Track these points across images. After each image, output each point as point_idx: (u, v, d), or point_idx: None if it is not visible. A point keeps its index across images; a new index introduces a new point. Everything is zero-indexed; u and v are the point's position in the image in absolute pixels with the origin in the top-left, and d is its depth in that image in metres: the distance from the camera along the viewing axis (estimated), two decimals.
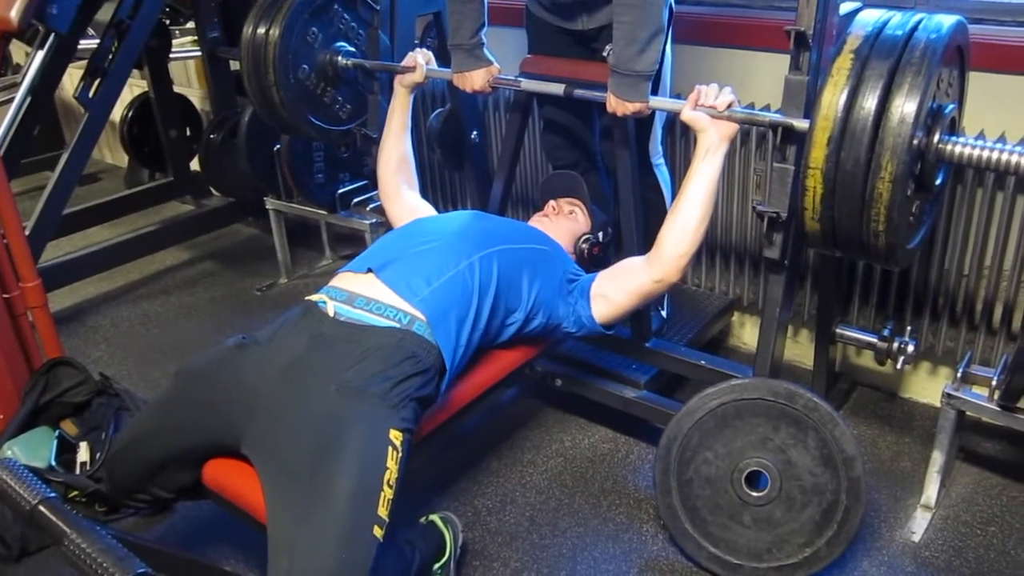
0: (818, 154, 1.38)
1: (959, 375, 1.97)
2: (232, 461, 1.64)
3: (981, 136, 1.65)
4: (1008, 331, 2.18)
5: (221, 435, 1.60)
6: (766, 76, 2.37)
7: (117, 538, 1.13)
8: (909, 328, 2.22)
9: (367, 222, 3.02)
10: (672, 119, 2.44)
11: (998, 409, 1.90)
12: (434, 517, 1.90)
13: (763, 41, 2.38)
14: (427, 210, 2.20)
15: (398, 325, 1.66)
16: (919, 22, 1.39)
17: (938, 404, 1.99)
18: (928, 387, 2.44)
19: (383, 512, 1.44)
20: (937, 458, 2.02)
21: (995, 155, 1.41)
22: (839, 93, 1.35)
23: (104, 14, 2.74)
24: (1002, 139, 1.80)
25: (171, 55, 3.66)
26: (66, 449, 2.12)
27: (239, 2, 3.17)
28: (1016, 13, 2.15)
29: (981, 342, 2.22)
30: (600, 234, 2.22)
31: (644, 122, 2.17)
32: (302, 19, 2.36)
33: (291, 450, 1.49)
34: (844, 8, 1.82)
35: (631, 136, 2.06)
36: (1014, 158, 1.39)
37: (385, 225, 2.53)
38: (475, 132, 2.61)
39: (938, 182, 1.50)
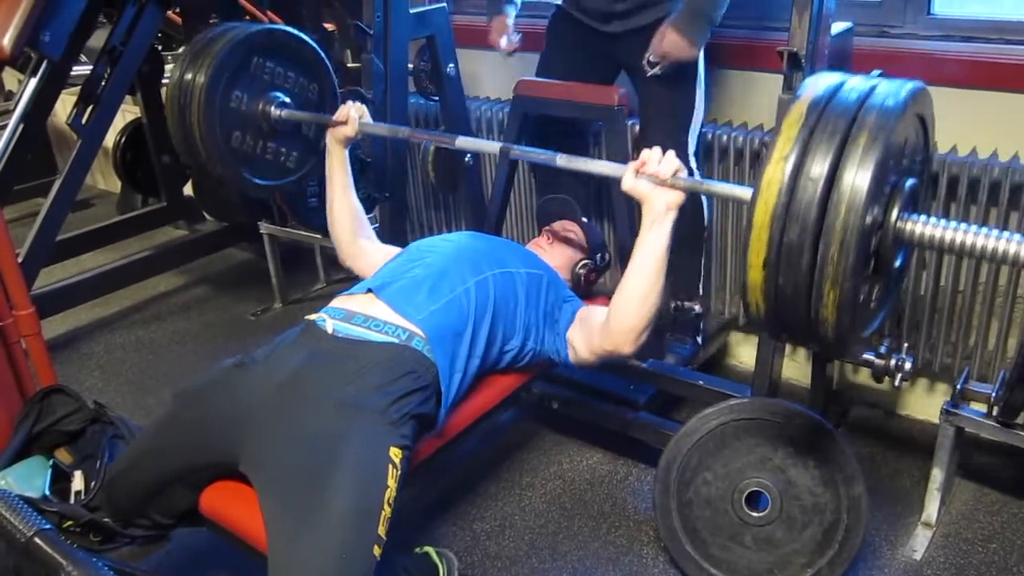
0: (760, 232, 1.18)
1: (957, 392, 1.97)
2: (229, 488, 1.62)
3: (943, 217, 1.36)
4: (1005, 347, 2.19)
5: (219, 453, 1.59)
6: (760, 96, 2.39)
7: (113, 568, 1.12)
8: (906, 345, 2.22)
9: None
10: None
11: (997, 425, 1.89)
12: (429, 549, 1.87)
13: (757, 61, 2.39)
14: (394, 252, 2.10)
15: (396, 340, 1.65)
16: (874, 87, 1.22)
17: (937, 421, 1.99)
18: (926, 404, 2.44)
19: (382, 531, 1.43)
20: (937, 475, 2.01)
21: (959, 236, 1.21)
22: (784, 163, 1.15)
23: (97, 40, 2.75)
24: (966, 220, 1.52)
25: (164, 80, 3.66)
26: (60, 478, 2.09)
27: None
28: (1005, 31, 2.17)
29: (979, 358, 2.22)
30: (598, 257, 2.22)
31: (677, 118, 2.21)
32: (220, 88, 2.13)
33: (289, 467, 1.48)
34: (836, 28, 1.84)
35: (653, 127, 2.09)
36: (980, 240, 1.19)
37: (380, 232, 2.53)
38: (469, 154, 2.62)
39: (897, 264, 1.31)
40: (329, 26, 3.16)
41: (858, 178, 1.12)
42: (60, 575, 1.10)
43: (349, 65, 3.14)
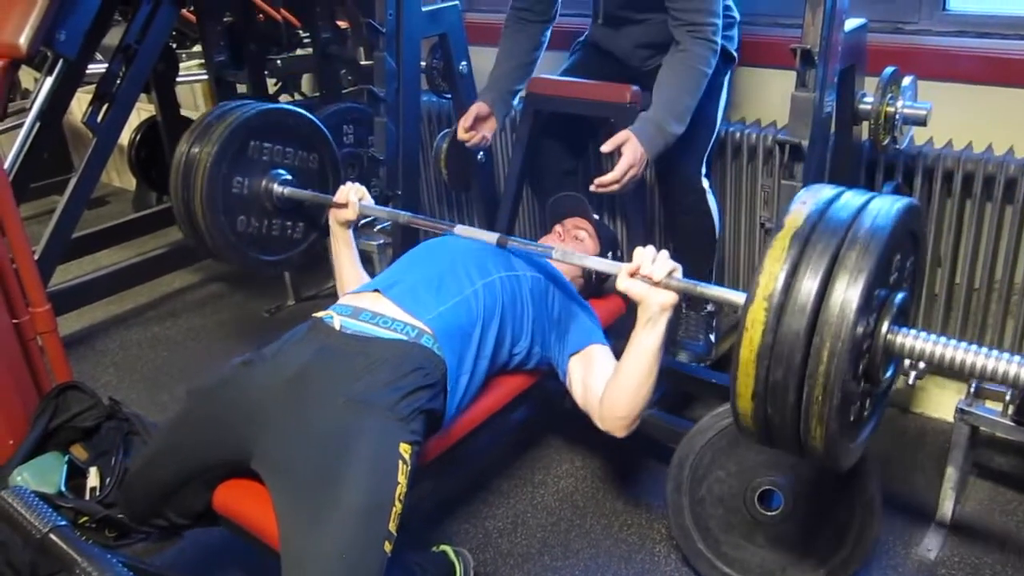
0: (747, 368, 1.19)
1: (972, 390, 1.96)
2: (241, 486, 1.63)
3: (932, 332, 1.28)
4: (1020, 345, 2.17)
5: (231, 451, 1.60)
6: (774, 93, 2.38)
7: (127, 565, 1.13)
8: None
9: (374, 243, 3.00)
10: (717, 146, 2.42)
11: (1012, 424, 1.88)
12: (446, 548, 1.88)
13: (770, 58, 2.38)
14: None
15: (406, 338, 1.66)
16: (867, 202, 1.22)
17: (951, 419, 1.98)
18: (941, 402, 2.43)
19: (392, 527, 1.43)
20: (951, 474, 2.00)
21: (948, 352, 1.22)
22: (777, 276, 1.16)
23: (112, 39, 2.76)
24: (953, 337, 1.47)
25: (178, 79, 3.68)
26: (76, 474, 2.12)
27: (245, 25, 3.19)
28: (1021, 27, 2.15)
29: None
30: (609, 255, 2.22)
31: (694, 142, 2.18)
32: (221, 178, 2.16)
33: (300, 463, 1.48)
34: (849, 25, 1.83)
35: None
36: (969, 357, 1.20)
37: (392, 246, 2.53)
38: (481, 153, 2.62)
39: (887, 375, 1.32)
40: (342, 24, 3.17)
41: (848, 294, 1.12)
42: (75, 571, 1.11)
43: (362, 63, 3.16)
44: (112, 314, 3.35)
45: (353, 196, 2.06)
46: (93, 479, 2.11)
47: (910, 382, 2.06)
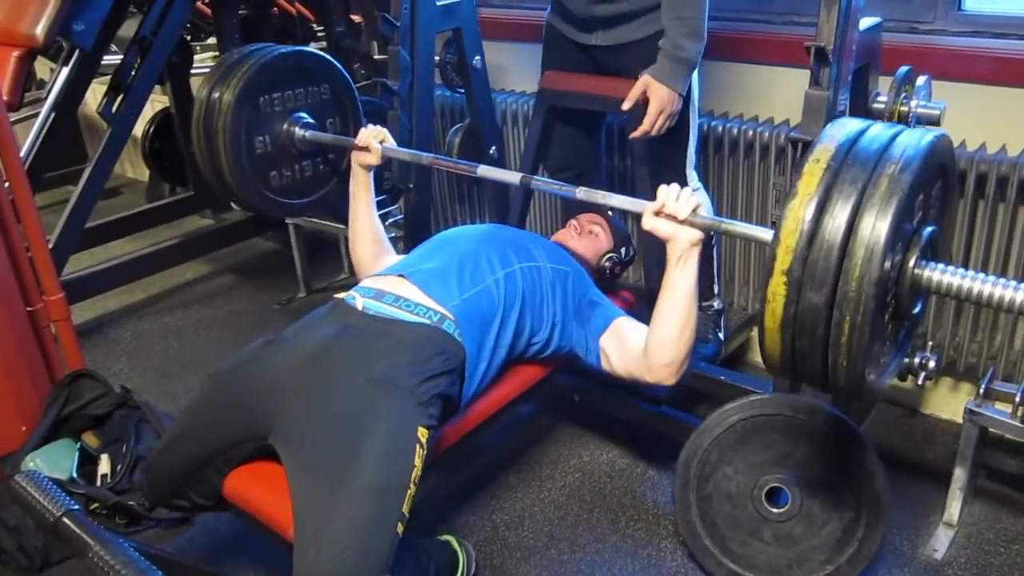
0: (781, 267, 1.18)
1: (982, 391, 1.95)
2: (252, 473, 1.64)
3: (956, 267, 1.35)
4: None
5: (252, 428, 1.61)
6: (787, 91, 2.37)
7: (139, 550, 1.14)
8: (931, 343, 2.20)
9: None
10: (702, 140, 2.40)
11: (1021, 426, 1.88)
12: (449, 537, 1.90)
13: (783, 56, 2.38)
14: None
15: (428, 322, 1.67)
16: (896, 135, 1.22)
17: (960, 420, 1.98)
18: (950, 403, 2.42)
19: (406, 509, 1.45)
20: (959, 475, 2.00)
21: (976, 286, 1.22)
22: (806, 205, 1.17)
23: (127, 30, 2.78)
24: (983, 270, 1.48)
25: (192, 70, 3.69)
26: (87, 461, 2.14)
27: (259, 18, 3.20)
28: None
29: (1004, 358, 2.20)
30: (623, 251, 2.22)
31: (674, 139, 2.15)
32: (243, 125, 2.13)
33: (318, 440, 1.50)
34: (864, 23, 1.82)
35: (651, 150, 2.06)
36: (997, 290, 1.20)
37: (403, 240, 2.54)
38: (494, 147, 2.62)
39: (916, 311, 1.32)
40: (356, 18, 3.17)
41: (876, 227, 1.12)
42: (88, 554, 1.12)
43: (376, 57, 3.16)
44: (124, 304, 3.37)
45: (373, 141, 2.05)
46: (104, 466, 2.13)
47: (919, 382, 2.07)
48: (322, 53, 2.33)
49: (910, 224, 1.23)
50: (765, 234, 1.41)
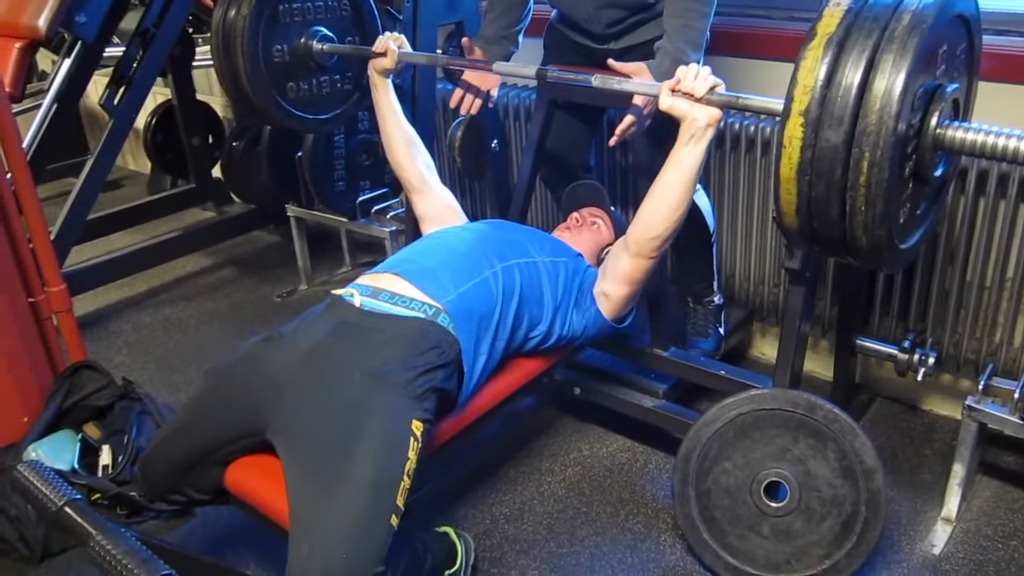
0: (793, 132, 1.16)
1: (981, 387, 1.96)
2: (253, 465, 1.65)
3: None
4: None
5: (249, 424, 1.62)
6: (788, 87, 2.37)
7: (141, 540, 1.15)
8: (930, 340, 2.21)
9: (387, 230, 3.03)
10: None
11: (1021, 422, 1.88)
12: (447, 529, 1.91)
13: (785, 52, 2.37)
14: (456, 212, 2.18)
15: (423, 316, 1.68)
16: None
17: (959, 416, 1.98)
18: (949, 399, 2.43)
19: (400, 502, 1.46)
20: (958, 471, 2.00)
21: (1002, 142, 1.17)
22: (818, 65, 1.13)
23: (129, 23, 2.78)
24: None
25: (194, 63, 3.69)
26: (89, 452, 2.14)
27: None
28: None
29: (1004, 354, 2.20)
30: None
31: (675, 135, 2.14)
32: (261, 43, 2.18)
33: (314, 434, 1.51)
34: None
35: (651, 146, 2.06)
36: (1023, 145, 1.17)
37: (404, 233, 2.54)
38: (496, 141, 2.62)
39: (938, 173, 1.27)
40: None
41: (889, 83, 1.09)
42: (90, 544, 1.12)
43: None
44: (126, 296, 3.37)
45: (392, 44, 2.08)
46: (106, 457, 2.13)
47: (919, 378, 2.08)
48: None
49: (929, 82, 1.18)
50: (779, 105, 1.38)
